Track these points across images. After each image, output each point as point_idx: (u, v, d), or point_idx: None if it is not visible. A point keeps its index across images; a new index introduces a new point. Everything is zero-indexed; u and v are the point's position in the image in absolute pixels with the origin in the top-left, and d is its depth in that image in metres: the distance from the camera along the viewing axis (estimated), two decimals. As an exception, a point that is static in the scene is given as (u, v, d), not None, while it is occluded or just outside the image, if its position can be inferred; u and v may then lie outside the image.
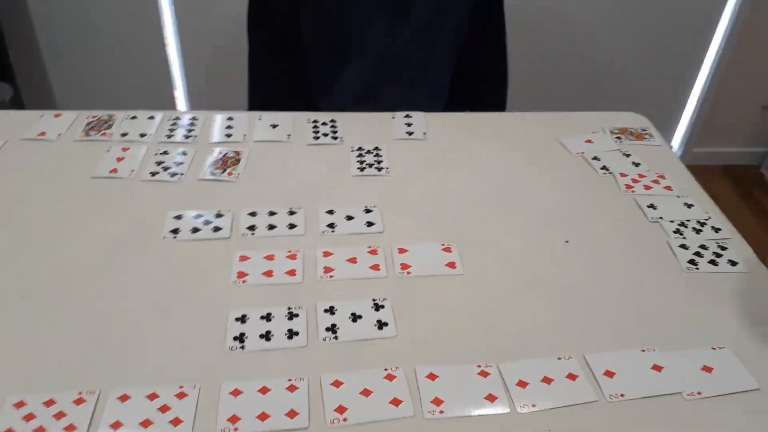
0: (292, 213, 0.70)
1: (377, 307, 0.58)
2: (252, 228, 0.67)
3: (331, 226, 0.68)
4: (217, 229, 0.67)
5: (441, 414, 0.49)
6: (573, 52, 1.84)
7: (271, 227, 0.68)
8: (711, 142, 2.09)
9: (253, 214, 0.70)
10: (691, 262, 0.65)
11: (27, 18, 1.63)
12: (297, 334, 0.55)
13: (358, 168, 0.78)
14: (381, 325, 0.56)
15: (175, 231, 0.66)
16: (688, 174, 0.80)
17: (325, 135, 0.84)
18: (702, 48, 1.88)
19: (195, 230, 0.67)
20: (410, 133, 0.85)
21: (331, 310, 0.57)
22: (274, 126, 0.86)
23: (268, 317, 0.56)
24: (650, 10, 1.78)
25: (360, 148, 0.82)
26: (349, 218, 0.69)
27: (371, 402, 0.49)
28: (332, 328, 0.56)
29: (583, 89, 1.92)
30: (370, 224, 0.69)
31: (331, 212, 0.70)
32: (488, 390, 0.51)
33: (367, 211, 0.71)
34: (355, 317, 0.57)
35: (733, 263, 0.65)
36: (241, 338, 0.54)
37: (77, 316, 0.56)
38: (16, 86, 1.58)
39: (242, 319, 0.56)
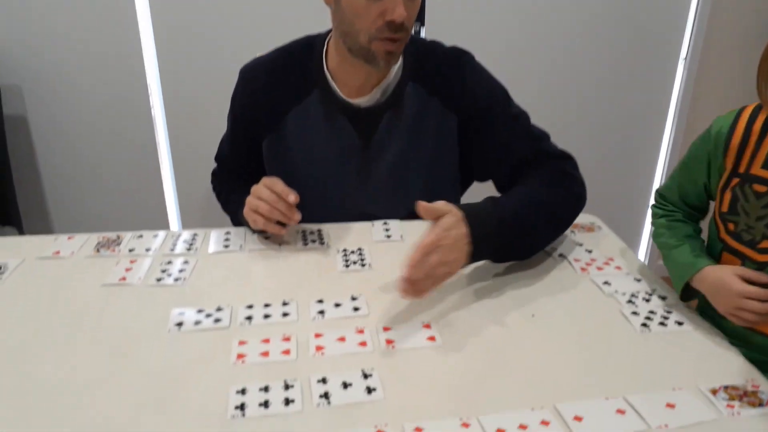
0: (285, 304, 0.77)
1: (366, 376, 0.64)
2: (249, 318, 0.74)
3: (321, 312, 0.76)
4: (217, 320, 0.74)
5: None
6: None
7: (267, 316, 0.75)
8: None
9: (250, 306, 0.77)
10: (644, 325, 0.73)
11: (35, 169, 1.80)
12: (293, 401, 0.60)
13: (344, 265, 0.87)
14: (370, 390, 0.62)
15: (180, 324, 0.73)
16: (633, 255, 0.91)
17: (313, 241, 0.95)
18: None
19: (197, 323, 0.74)
20: (389, 236, 0.96)
21: (323, 380, 0.63)
22: (267, 237, 0.96)
23: (266, 389, 0.62)
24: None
25: (345, 250, 0.92)
26: (338, 305, 0.77)
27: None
28: (325, 395, 0.61)
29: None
30: (356, 309, 0.76)
31: (320, 301, 0.78)
32: (471, 438, 0.56)
33: (353, 298, 0.78)
34: (345, 385, 0.62)
35: (680, 323, 0.73)
36: (241, 407, 0.59)
37: (93, 395, 0.61)
38: (21, 230, 1.69)
39: (242, 391, 0.61)
